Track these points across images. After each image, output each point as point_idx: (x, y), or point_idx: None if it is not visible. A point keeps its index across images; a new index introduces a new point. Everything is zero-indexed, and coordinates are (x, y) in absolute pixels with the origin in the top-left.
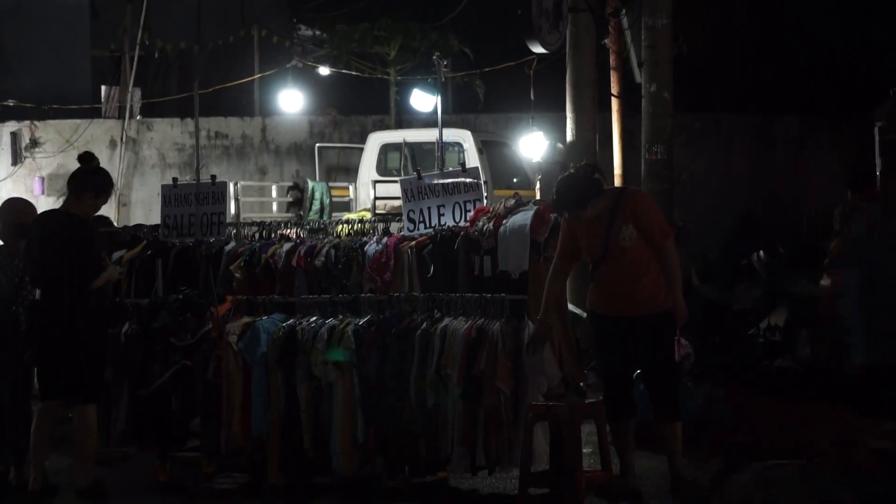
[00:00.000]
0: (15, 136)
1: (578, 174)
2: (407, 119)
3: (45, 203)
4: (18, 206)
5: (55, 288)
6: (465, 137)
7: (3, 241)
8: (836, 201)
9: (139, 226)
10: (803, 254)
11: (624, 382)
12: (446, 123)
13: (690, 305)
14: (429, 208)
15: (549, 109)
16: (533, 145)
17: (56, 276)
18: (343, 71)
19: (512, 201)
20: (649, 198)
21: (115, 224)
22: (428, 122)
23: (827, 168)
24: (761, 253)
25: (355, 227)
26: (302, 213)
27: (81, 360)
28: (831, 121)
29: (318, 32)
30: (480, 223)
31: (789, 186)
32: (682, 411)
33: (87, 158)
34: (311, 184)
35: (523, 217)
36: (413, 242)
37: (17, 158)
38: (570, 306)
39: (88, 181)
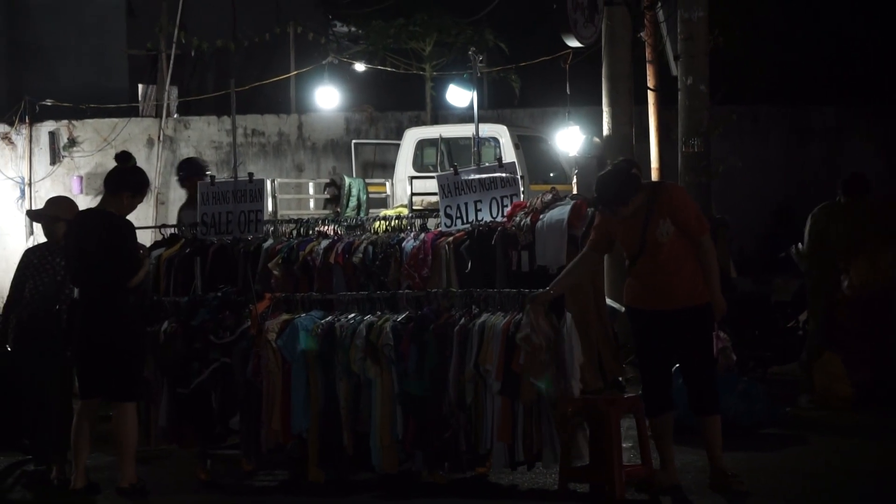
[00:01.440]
0: (53, 136)
1: (617, 170)
2: (443, 114)
3: (83, 202)
4: (62, 205)
5: (94, 286)
6: (501, 132)
7: (46, 238)
8: (874, 191)
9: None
10: None
11: (663, 377)
12: (482, 119)
13: (728, 298)
14: (466, 204)
15: (586, 103)
16: (569, 140)
17: (94, 274)
18: (379, 67)
19: (549, 196)
20: (686, 194)
21: (154, 222)
22: (464, 117)
23: (864, 159)
24: (799, 245)
25: (392, 224)
26: (339, 209)
27: (120, 358)
28: (868, 111)
29: (353, 29)
30: (518, 218)
31: (826, 178)
32: (720, 405)
33: (124, 158)
34: (347, 180)
35: (560, 212)
36: (450, 238)
37: (55, 158)
38: (608, 301)
39: (125, 180)
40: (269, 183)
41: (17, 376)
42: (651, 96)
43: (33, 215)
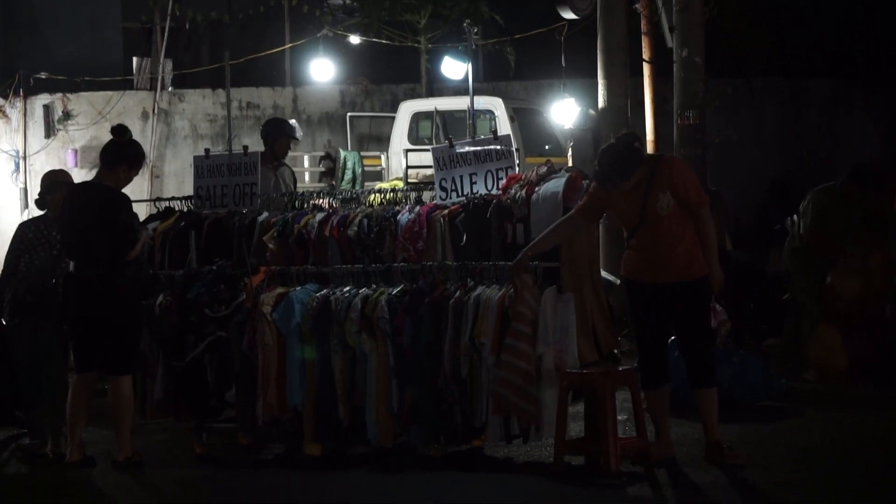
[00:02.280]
0: (47, 109)
1: (620, 145)
2: (438, 87)
3: (78, 175)
4: (58, 178)
5: (90, 259)
6: (496, 105)
7: (43, 211)
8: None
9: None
10: None
11: (659, 349)
12: (477, 91)
13: (723, 271)
14: (461, 176)
15: (581, 76)
16: (564, 112)
17: (90, 247)
18: (374, 40)
19: (544, 168)
20: (685, 167)
21: (149, 196)
22: (459, 90)
23: (860, 130)
24: (795, 217)
25: (387, 197)
26: (334, 182)
27: (116, 331)
28: (864, 82)
29: (348, 1)
30: (513, 191)
31: (822, 150)
32: (716, 378)
33: (120, 131)
34: (342, 153)
35: (556, 184)
36: (446, 211)
37: (50, 131)
38: (604, 273)
39: (121, 154)
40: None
41: (13, 350)
42: (646, 68)
43: (40, 203)
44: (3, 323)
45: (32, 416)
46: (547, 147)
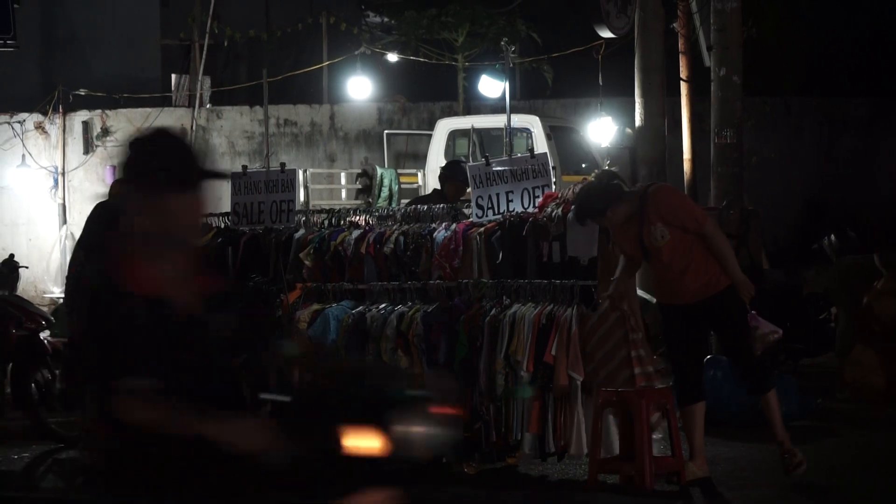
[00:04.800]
0: (86, 125)
1: (595, 183)
2: (475, 105)
3: None
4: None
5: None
6: (533, 123)
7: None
8: None
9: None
10: (874, 237)
11: (693, 367)
12: (514, 109)
13: (759, 290)
14: (497, 194)
15: (618, 94)
16: (601, 130)
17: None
18: (411, 57)
19: (581, 187)
20: (672, 192)
21: None
22: (496, 107)
23: None
24: (832, 237)
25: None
26: (371, 199)
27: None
28: None
29: (386, 19)
30: (549, 209)
31: (860, 169)
32: (772, 382)
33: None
34: (379, 171)
35: None
36: (482, 229)
37: (88, 147)
38: (640, 292)
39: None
40: (300, 173)
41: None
42: (684, 87)
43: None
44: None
45: None
46: (584, 165)
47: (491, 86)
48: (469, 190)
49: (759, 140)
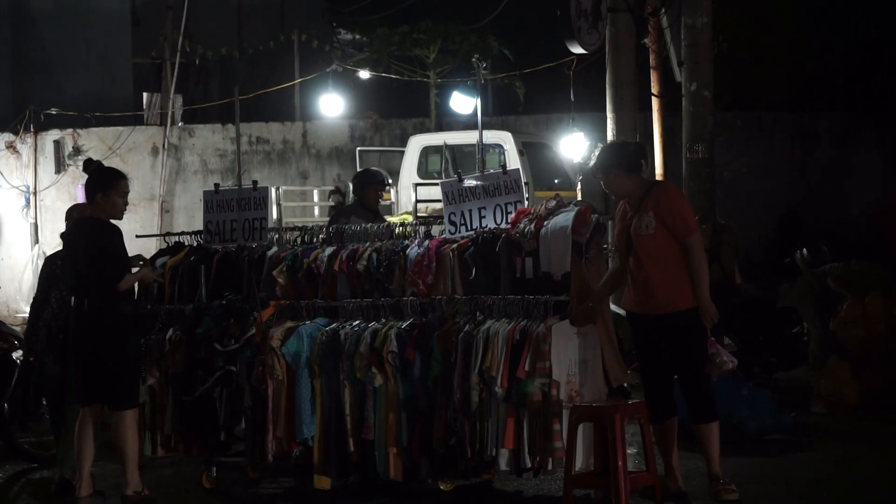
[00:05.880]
0: (58, 145)
1: (624, 142)
2: (447, 121)
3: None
4: (83, 213)
5: (84, 293)
6: (505, 139)
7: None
8: (881, 199)
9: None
10: (847, 251)
11: (663, 382)
12: (486, 125)
13: (733, 304)
14: (470, 210)
15: (590, 110)
16: (573, 146)
17: (84, 281)
18: (383, 74)
19: (553, 202)
20: (679, 194)
21: (159, 230)
22: (468, 124)
23: (871, 165)
24: (804, 251)
25: (397, 231)
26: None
27: (115, 367)
28: (875, 117)
29: (357, 36)
30: (522, 225)
31: (832, 184)
32: (716, 412)
33: (85, 165)
34: (352, 188)
35: (565, 218)
36: (455, 245)
37: (60, 167)
38: (613, 307)
39: (91, 184)
40: (273, 190)
41: (43, 385)
42: (655, 102)
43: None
44: (31, 358)
45: (62, 447)
46: (556, 181)
47: (463, 102)
48: (382, 194)
49: (731, 154)
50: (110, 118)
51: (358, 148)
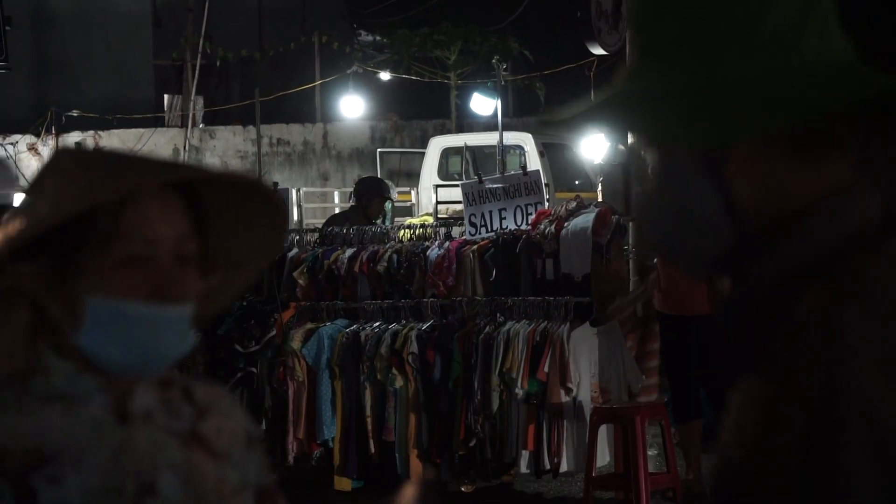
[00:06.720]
0: (79, 147)
1: None
2: (468, 123)
3: None
4: None
5: None
6: (525, 140)
7: None
8: None
9: None
10: None
11: (689, 383)
12: (507, 126)
13: None
14: (490, 212)
15: None
16: (594, 147)
17: None
18: (403, 76)
19: (573, 204)
20: None
21: None
22: (489, 125)
23: None
24: None
25: (417, 232)
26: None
27: None
28: None
29: (378, 38)
30: (542, 226)
31: None
32: None
33: None
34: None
35: (585, 219)
36: (475, 246)
37: None
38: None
39: None
40: (293, 192)
41: None
42: None
43: None
44: None
45: None
46: (577, 182)
47: (483, 103)
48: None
49: None
50: (131, 120)
51: (378, 149)
